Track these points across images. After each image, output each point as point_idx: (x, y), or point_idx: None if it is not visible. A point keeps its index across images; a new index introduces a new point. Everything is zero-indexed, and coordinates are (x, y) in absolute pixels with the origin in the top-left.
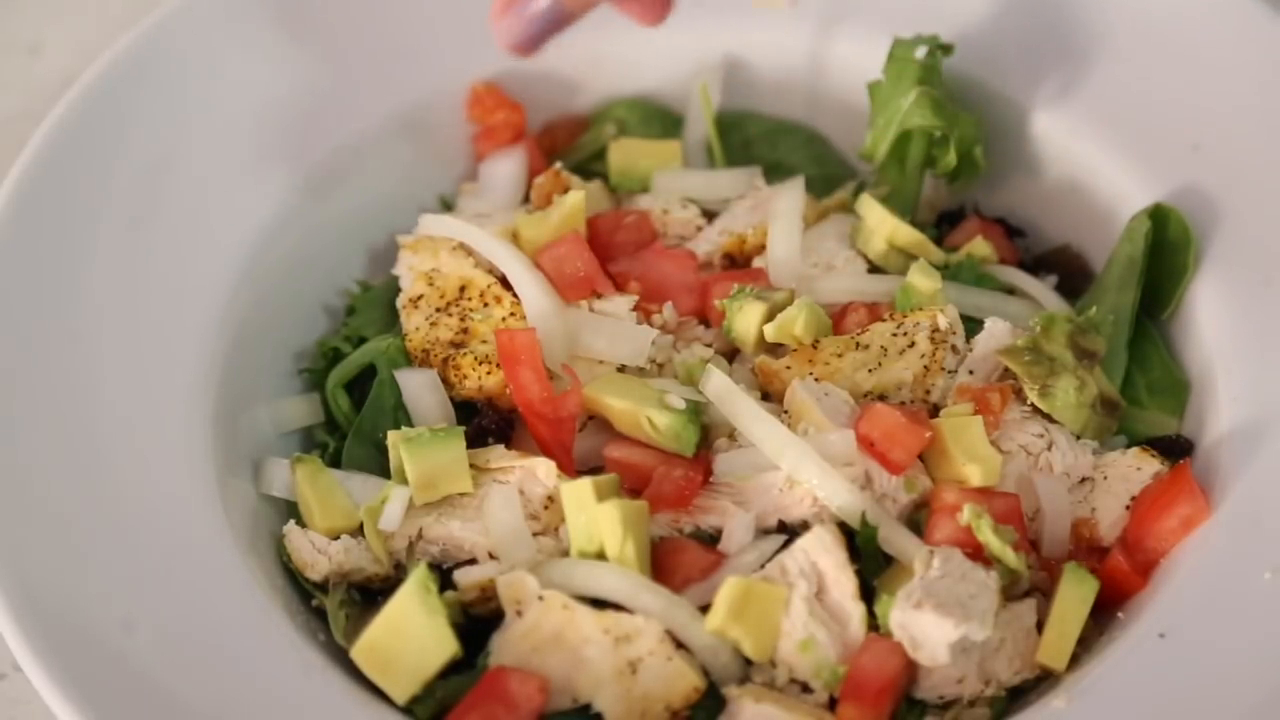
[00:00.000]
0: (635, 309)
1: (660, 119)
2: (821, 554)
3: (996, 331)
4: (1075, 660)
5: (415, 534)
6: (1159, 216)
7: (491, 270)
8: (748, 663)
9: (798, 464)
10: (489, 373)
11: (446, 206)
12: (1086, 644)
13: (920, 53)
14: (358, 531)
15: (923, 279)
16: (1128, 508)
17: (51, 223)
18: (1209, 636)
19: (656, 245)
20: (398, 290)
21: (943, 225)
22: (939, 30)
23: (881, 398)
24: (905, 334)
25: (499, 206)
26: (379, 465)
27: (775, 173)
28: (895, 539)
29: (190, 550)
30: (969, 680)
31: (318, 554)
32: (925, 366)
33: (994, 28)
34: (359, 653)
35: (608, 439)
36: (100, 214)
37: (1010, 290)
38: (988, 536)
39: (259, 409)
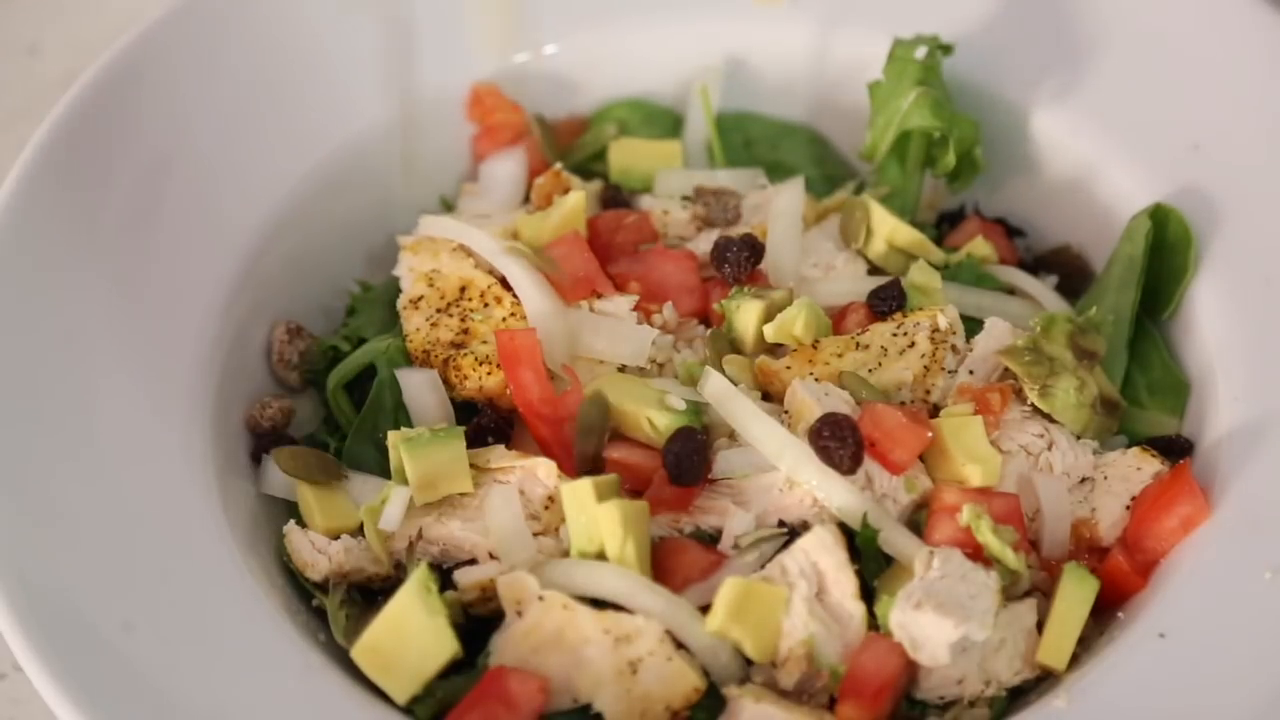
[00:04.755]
0: (635, 309)
1: (660, 119)
2: (822, 554)
3: (996, 331)
4: (1075, 660)
5: (415, 534)
6: (1159, 216)
7: (492, 270)
8: (748, 662)
9: (797, 465)
10: (489, 373)
11: (447, 206)
12: (1086, 644)
13: (920, 53)
14: (358, 531)
15: (923, 279)
16: (1128, 508)
17: (51, 223)
18: (1209, 636)
19: (657, 245)
20: (398, 291)
21: (943, 225)
22: (939, 30)
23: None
24: (905, 334)
25: (499, 207)
26: (379, 465)
27: (776, 173)
28: (895, 539)
29: (190, 550)
30: (969, 680)
31: (318, 554)
32: (925, 366)
33: (994, 28)
34: (359, 653)
35: (608, 439)
36: (100, 214)
37: (1010, 290)
38: (987, 537)
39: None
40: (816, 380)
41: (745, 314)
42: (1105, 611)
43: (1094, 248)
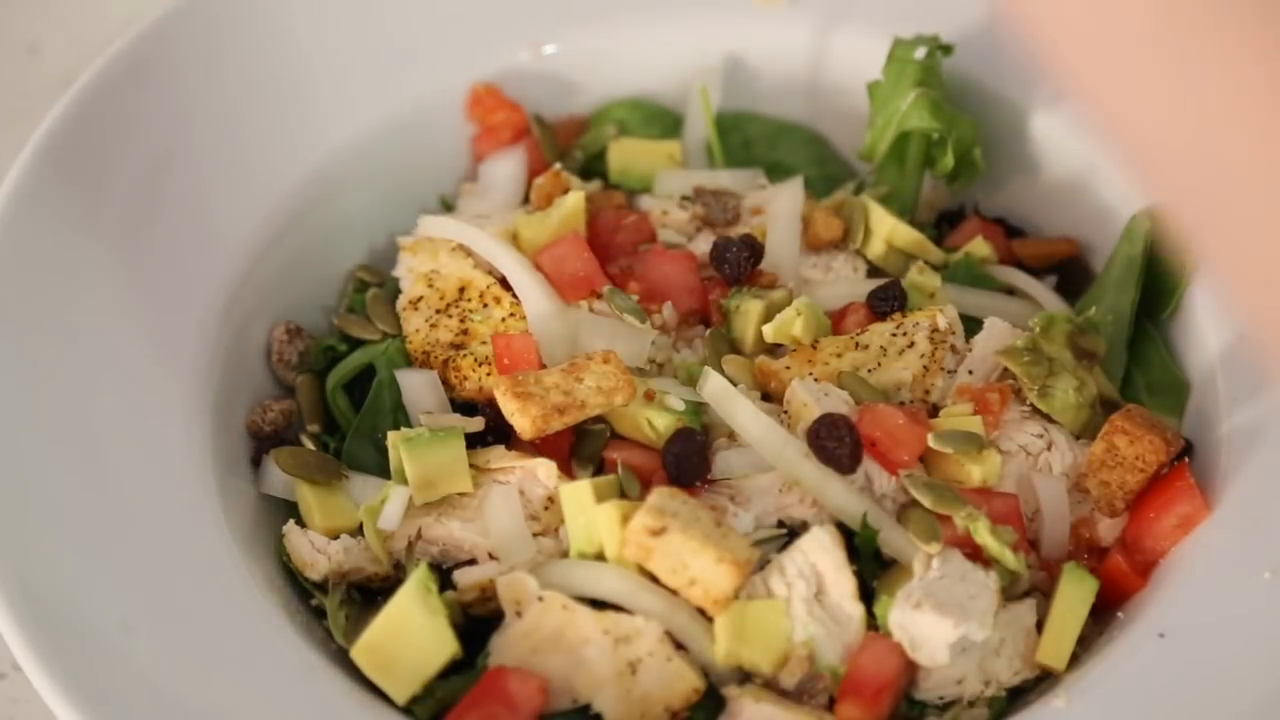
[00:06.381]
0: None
1: (660, 119)
2: (820, 555)
3: (996, 331)
4: (1075, 660)
5: (415, 534)
6: (1159, 216)
7: (491, 270)
8: None
9: (796, 465)
10: (489, 373)
11: (447, 207)
12: (1086, 644)
13: (920, 53)
14: (357, 531)
15: (922, 279)
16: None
17: (51, 223)
18: (1209, 636)
19: (656, 245)
20: (397, 292)
21: (943, 225)
22: (939, 30)
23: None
24: (905, 334)
25: (499, 207)
26: (379, 465)
27: (775, 173)
28: (895, 540)
29: (190, 550)
30: (969, 680)
31: (317, 554)
32: (925, 366)
33: (994, 28)
34: (359, 653)
35: (608, 440)
36: (100, 214)
37: (1010, 290)
38: (985, 539)
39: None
40: (816, 380)
41: (745, 314)
42: (1105, 611)
43: (1094, 248)
